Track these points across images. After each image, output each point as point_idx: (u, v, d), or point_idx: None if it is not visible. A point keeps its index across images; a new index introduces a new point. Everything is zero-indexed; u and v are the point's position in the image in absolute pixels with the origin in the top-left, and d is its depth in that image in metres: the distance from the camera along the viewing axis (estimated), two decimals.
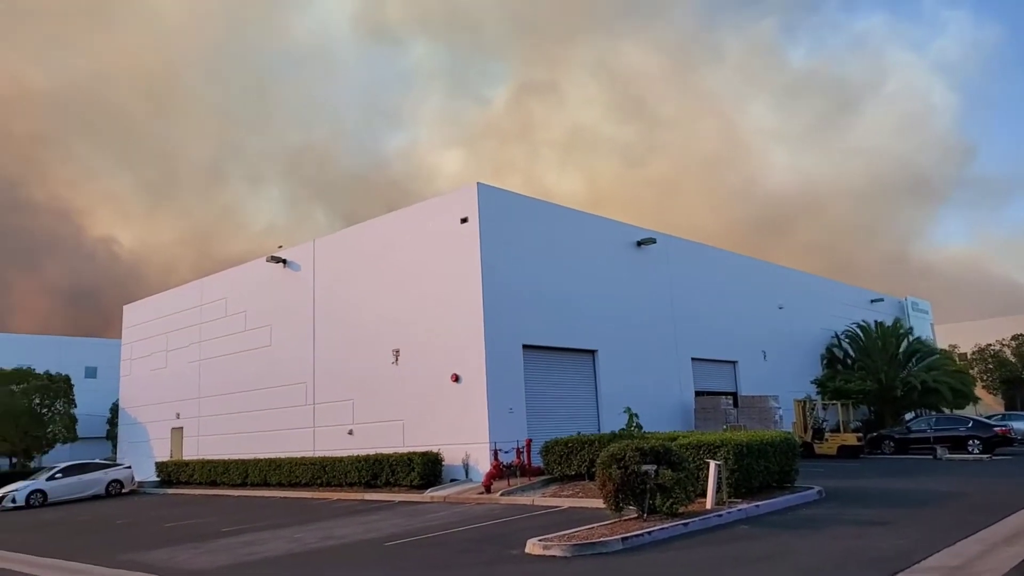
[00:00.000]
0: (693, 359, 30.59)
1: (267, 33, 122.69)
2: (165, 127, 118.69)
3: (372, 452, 23.70)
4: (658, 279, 29.69)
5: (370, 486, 23.17)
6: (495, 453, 21.11)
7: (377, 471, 23.06)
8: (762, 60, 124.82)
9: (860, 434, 29.38)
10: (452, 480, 22.13)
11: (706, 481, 14.45)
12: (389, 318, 25.19)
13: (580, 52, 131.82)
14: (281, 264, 29.89)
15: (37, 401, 39.52)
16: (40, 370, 41.06)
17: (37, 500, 28.91)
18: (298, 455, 26.77)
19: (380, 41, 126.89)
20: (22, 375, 39.88)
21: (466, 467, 22.05)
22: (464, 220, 23.21)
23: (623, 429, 18.85)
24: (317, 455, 26.14)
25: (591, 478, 17.58)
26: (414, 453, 22.31)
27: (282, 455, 27.29)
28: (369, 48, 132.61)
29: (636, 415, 16.98)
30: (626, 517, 13.45)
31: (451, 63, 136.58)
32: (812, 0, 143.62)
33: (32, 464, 39.59)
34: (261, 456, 28.18)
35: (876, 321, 39.47)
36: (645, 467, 13.16)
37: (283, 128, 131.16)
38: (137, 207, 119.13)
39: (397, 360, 24.72)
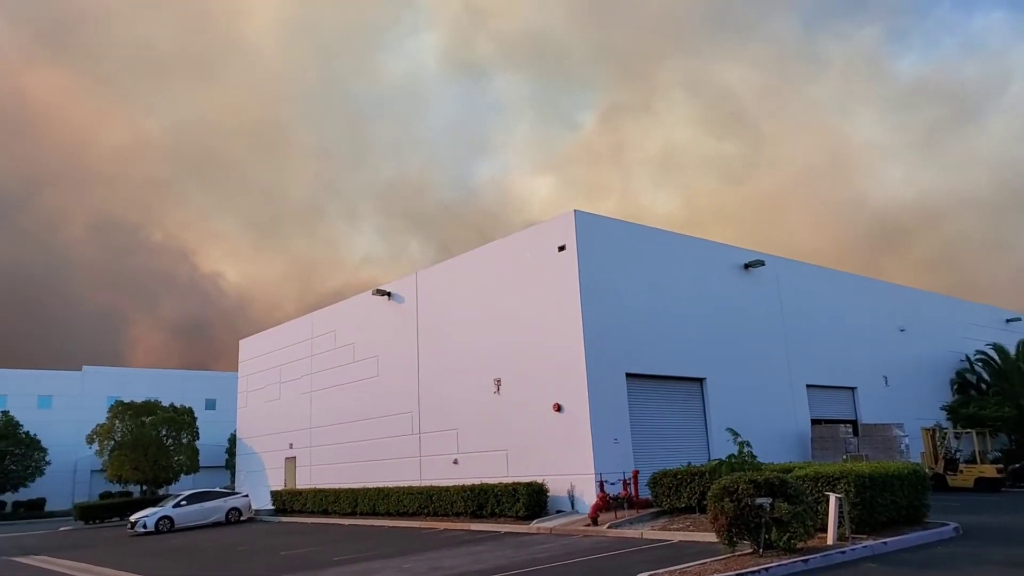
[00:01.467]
0: (808, 386, 29.15)
1: (359, 73, 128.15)
2: (266, 168, 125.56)
3: (477, 482, 23.69)
4: (768, 303, 28.56)
5: (476, 516, 23.13)
6: (601, 484, 20.65)
7: (482, 501, 23.01)
8: (869, 69, 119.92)
9: (1000, 465, 27.06)
10: (558, 511, 21.78)
11: (826, 515, 13.59)
12: (490, 348, 25.28)
13: (670, 73, 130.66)
14: (386, 297, 30.62)
15: (164, 432, 41.93)
16: (165, 403, 43.60)
17: (165, 526, 30.47)
18: (405, 484, 27.11)
19: (468, 74, 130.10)
20: (150, 408, 42.47)
21: (571, 498, 21.67)
22: (562, 248, 23.09)
23: (731, 456, 17.95)
24: (424, 484, 26.39)
25: (702, 511, 16.92)
26: (519, 483, 22.14)
27: (390, 484, 27.72)
28: (457, 81, 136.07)
29: (747, 443, 16.03)
30: (740, 552, 12.79)
31: (539, 91, 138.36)
32: (922, 3, 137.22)
33: (160, 492, 41.90)
34: (370, 485, 28.72)
35: (1021, 340, 36.55)
36: (759, 500, 12.52)
37: (377, 163, 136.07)
38: (243, 245, 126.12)
39: (499, 389, 24.72)
